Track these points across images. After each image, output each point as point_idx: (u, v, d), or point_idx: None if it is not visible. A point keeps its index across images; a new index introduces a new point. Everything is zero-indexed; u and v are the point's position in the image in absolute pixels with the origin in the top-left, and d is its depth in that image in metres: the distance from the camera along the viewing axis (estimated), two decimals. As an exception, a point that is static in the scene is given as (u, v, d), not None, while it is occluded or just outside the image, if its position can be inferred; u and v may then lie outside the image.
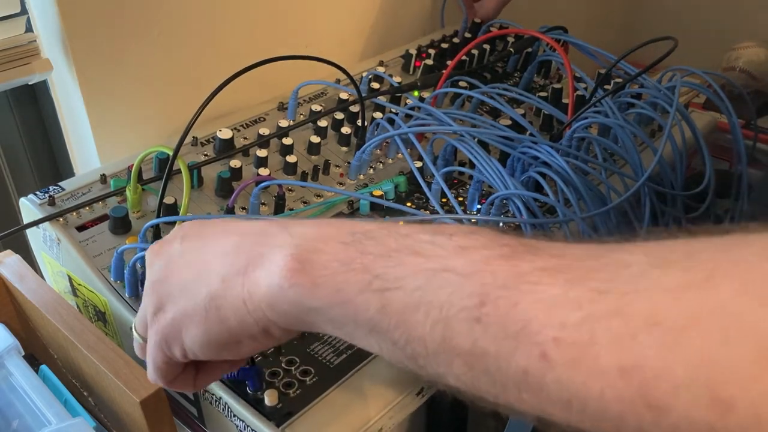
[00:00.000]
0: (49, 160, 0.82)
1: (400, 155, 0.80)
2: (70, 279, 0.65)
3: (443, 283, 0.30)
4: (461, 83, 0.87)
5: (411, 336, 0.30)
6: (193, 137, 0.75)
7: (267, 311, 0.35)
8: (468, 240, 0.31)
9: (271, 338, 0.37)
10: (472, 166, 0.70)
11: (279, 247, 0.34)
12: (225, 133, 0.74)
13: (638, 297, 0.25)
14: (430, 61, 0.92)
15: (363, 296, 0.32)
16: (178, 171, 0.67)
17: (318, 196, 0.73)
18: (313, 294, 0.33)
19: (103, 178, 0.68)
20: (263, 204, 0.70)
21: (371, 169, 0.77)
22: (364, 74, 0.87)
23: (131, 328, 0.44)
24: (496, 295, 0.28)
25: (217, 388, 0.53)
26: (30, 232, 0.68)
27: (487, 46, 0.97)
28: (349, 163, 0.77)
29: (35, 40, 0.71)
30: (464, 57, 0.91)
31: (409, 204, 0.72)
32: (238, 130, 0.78)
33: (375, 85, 0.85)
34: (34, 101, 0.79)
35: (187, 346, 0.39)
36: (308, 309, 0.34)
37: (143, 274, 0.59)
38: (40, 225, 0.64)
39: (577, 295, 0.27)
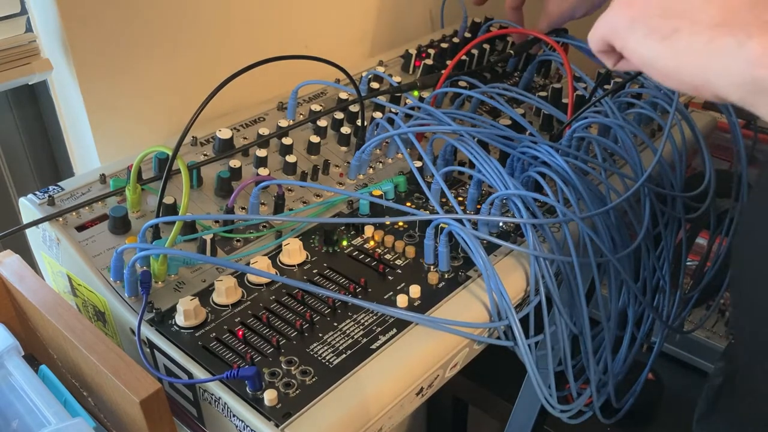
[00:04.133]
0: (49, 160, 0.82)
1: (399, 155, 0.80)
2: (69, 279, 0.65)
3: None
4: (461, 83, 0.87)
5: None
6: (193, 137, 0.75)
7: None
8: None
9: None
10: (472, 166, 0.70)
11: None
12: (224, 133, 0.74)
13: None
14: (429, 61, 0.92)
15: None
16: (178, 171, 0.67)
17: (317, 195, 0.73)
18: None
19: (103, 178, 0.68)
20: (263, 204, 0.70)
21: (371, 169, 0.77)
22: (364, 74, 0.87)
23: (131, 329, 0.44)
24: None
25: (216, 388, 0.53)
26: (30, 232, 0.68)
27: (487, 46, 0.97)
28: (348, 162, 0.77)
29: (35, 40, 0.71)
30: (464, 57, 0.91)
31: (408, 204, 0.72)
32: (238, 130, 0.78)
33: (375, 85, 0.85)
34: (34, 101, 0.79)
35: (629, 47, 0.42)
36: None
37: (143, 274, 0.59)
38: (40, 225, 0.64)
39: None
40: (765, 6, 0.36)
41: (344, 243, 0.67)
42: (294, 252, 0.64)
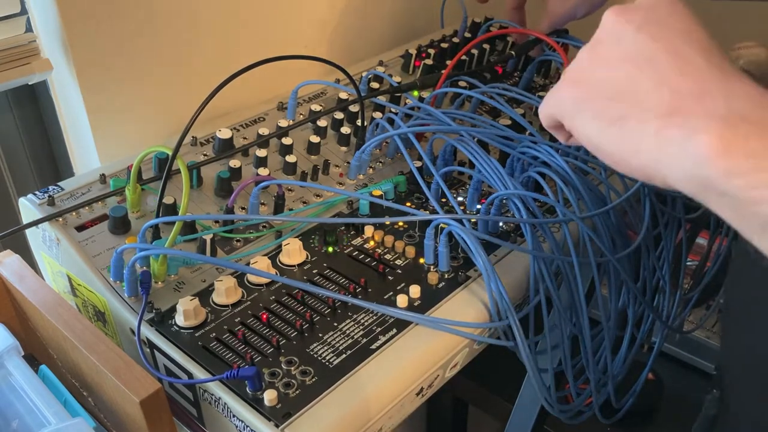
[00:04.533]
0: (49, 160, 0.82)
1: (399, 155, 0.80)
2: (69, 279, 0.65)
3: None
4: (461, 83, 0.87)
5: None
6: (193, 137, 0.75)
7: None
8: None
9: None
10: (472, 166, 0.70)
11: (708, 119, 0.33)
12: (224, 133, 0.74)
13: None
14: (429, 61, 0.92)
15: None
16: (178, 171, 0.67)
17: (317, 195, 0.73)
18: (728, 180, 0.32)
19: (103, 178, 0.68)
20: (263, 204, 0.70)
21: (371, 169, 0.77)
22: (364, 74, 0.87)
23: (131, 329, 0.44)
24: None
25: (216, 389, 0.53)
26: (29, 232, 0.68)
27: (487, 46, 0.97)
28: (348, 162, 0.77)
29: (35, 40, 0.71)
30: (464, 57, 0.91)
31: (408, 204, 0.72)
32: (238, 130, 0.78)
33: (375, 85, 0.85)
34: (34, 101, 0.79)
35: (576, 127, 0.41)
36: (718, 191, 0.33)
37: (142, 274, 0.59)
38: (40, 225, 0.64)
39: None
40: (712, 97, 0.34)
41: (344, 243, 0.67)
42: (294, 252, 0.64)
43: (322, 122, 0.79)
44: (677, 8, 0.39)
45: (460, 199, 0.73)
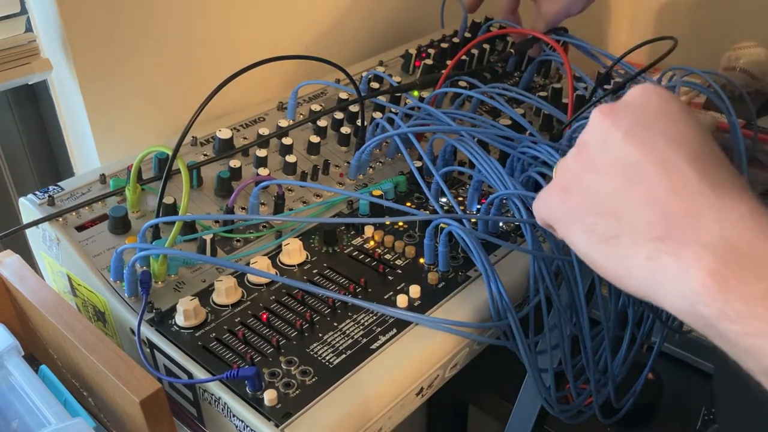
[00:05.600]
0: (49, 160, 0.82)
1: (399, 155, 0.80)
2: (69, 279, 0.65)
3: None
4: (461, 83, 0.87)
5: None
6: (193, 137, 0.75)
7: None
8: None
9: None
10: (472, 166, 0.70)
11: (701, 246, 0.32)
12: (224, 133, 0.74)
13: None
14: (429, 61, 0.92)
15: None
16: (178, 171, 0.67)
17: (317, 195, 0.73)
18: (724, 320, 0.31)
19: (103, 178, 0.68)
20: (263, 204, 0.70)
21: (371, 169, 0.77)
22: (364, 74, 0.87)
23: (131, 329, 0.44)
24: None
25: (216, 388, 0.53)
26: (30, 232, 0.68)
27: (487, 46, 0.96)
28: (348, 163, 0.77)
29: (35, 40, 0.71)
30: (464, 57, 0.91)
31: (408, 204, 0.72)
32: (238, 130, 0.78)
33: (375, 85, 0.85)
34: (34, 101, 0.79)
35: (568, 237, 0.39)
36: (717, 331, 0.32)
37: (142, 274, 0.59)
38: (40, 225, 0.64)
39: None
40: (704, 222, 0.33)
41: (344, 243, 0.67)
42: (294, 252, 0.64)
43: (322, 122, 0.79)
44: (668, 106, 0.37)
45: (460, 199, 0.73)
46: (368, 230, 0.68)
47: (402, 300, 0.60)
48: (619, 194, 0.36)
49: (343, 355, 0.56)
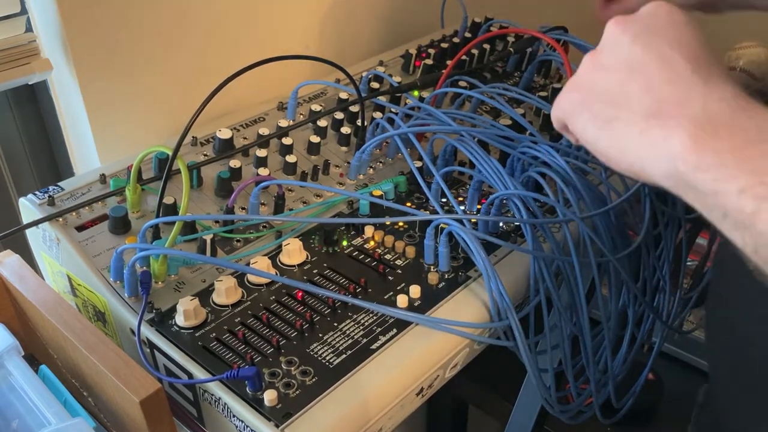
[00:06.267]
0: (49, 160, 0.82)
1: (399, 155, 0.80)
2: (69, 279, 0.65)
3: None
4: (461, 83, 0.87)
5: None
6: (193, 137, 0.75)
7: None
8: None
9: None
10: (472, 166, 0.70)
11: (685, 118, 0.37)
12: (225, 133, 0.74)
13: None
14: (429, 61, 0.92)
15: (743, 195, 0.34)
16: (178, 171, 0.67)
17: (318, 196, 0.73)
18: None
19: (103, 178, 0.68)
20: (263, 204, 0.70)
21: (371, 169, 0.77)
22: (364, 74, 0.87)
23: (131, 329, 0.44)
24: None
25: (217, 389, 0.53)
26: (30, 232, 0.68)
27: (487, 46, 0.96)
28: (348, 163, 0.77)
29: (35, 40, 0.71)
30: (464, 57, 0.91)
31: (408, 204, 0.72)
32: (238, 130, 0.78)
33: (375, 85, 0.85)
34: (34, 101, 0.79)
35: (577, 128, 0.44)
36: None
37: (142, 274, 0.59)
38: (40, 225, 0.64)
39: None
40: (691, 102, 0.37)
41: (344, 243, 0.67)
42: (294, 252, 0.64)
43: (322, 122, 0.79)
44: (674, 18, 0.42)
45: (460, 199, 0.73)
46: (368, 230, 0.68)
47: (402, 300, 0.60)
48: (622, 85, 0.41)
49: (343, 355, 0.56)
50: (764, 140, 0.35)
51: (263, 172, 0.72)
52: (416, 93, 0.86)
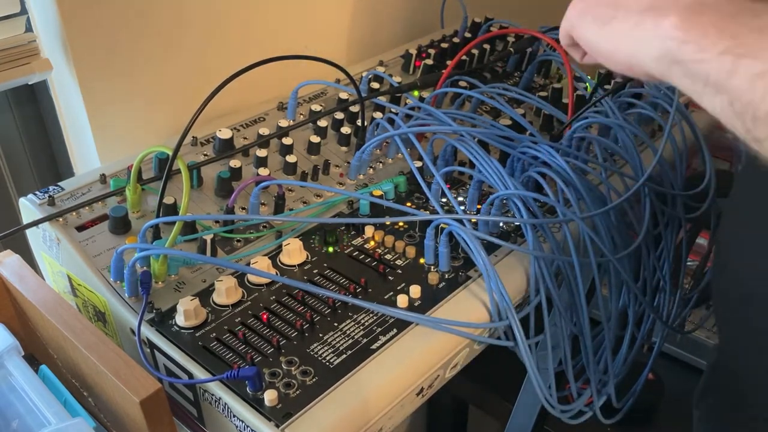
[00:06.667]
0: (49, 160, 0.82)
1: (399, 155, 0.80)
2: (69, 279, 0.65)
3: None
4: (461, 83, 0.87)
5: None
6: (193, 137, 0.75)
7: None
8: None
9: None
10: (472, 166, 0.70)
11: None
12: (225, 133, 0.74)
13: None
14: (430, 61, 0.92)
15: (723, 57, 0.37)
16: (178, 171, 0.67)
17: (318, 196, 0.73)
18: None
19: (103, 178, 0.68)
20: (263, 204, 0.70)
21: (371, 169, 0.77)
22: (364, 74, 0.87)
23: (131, 329, 0.44)
24: None
25: (217, 389, 0.53)
26: (30, 232, 0.68)
27: (487, 46, 0.97)
28: (348, 163, 0.77)
29: (35, 40, 0.71)
30: (464, 57, 0.91)
31: (408, 204, 0.72)
32: (238, 130, 0.78)
33: (375, 85, 0.85)
34: (34, 101, 0.79)
35: (581, 34, 0.48)
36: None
37: (143, 274, 0.59)
38: (40, 225, 0.64)
39: None
40: None
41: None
42: (294, 252, 0.64)
43: (322, 122, 0.79)
44: None
45: (460, 199, 0.73)
46: (368, 230, 0.68)
47: (402, 300, 0.60)
48: None
49: (344, 355, 0.56)
50: (744, 15, 0.38)
51: (263, 172, 0.72)
52: (416, 93, 0.86)
